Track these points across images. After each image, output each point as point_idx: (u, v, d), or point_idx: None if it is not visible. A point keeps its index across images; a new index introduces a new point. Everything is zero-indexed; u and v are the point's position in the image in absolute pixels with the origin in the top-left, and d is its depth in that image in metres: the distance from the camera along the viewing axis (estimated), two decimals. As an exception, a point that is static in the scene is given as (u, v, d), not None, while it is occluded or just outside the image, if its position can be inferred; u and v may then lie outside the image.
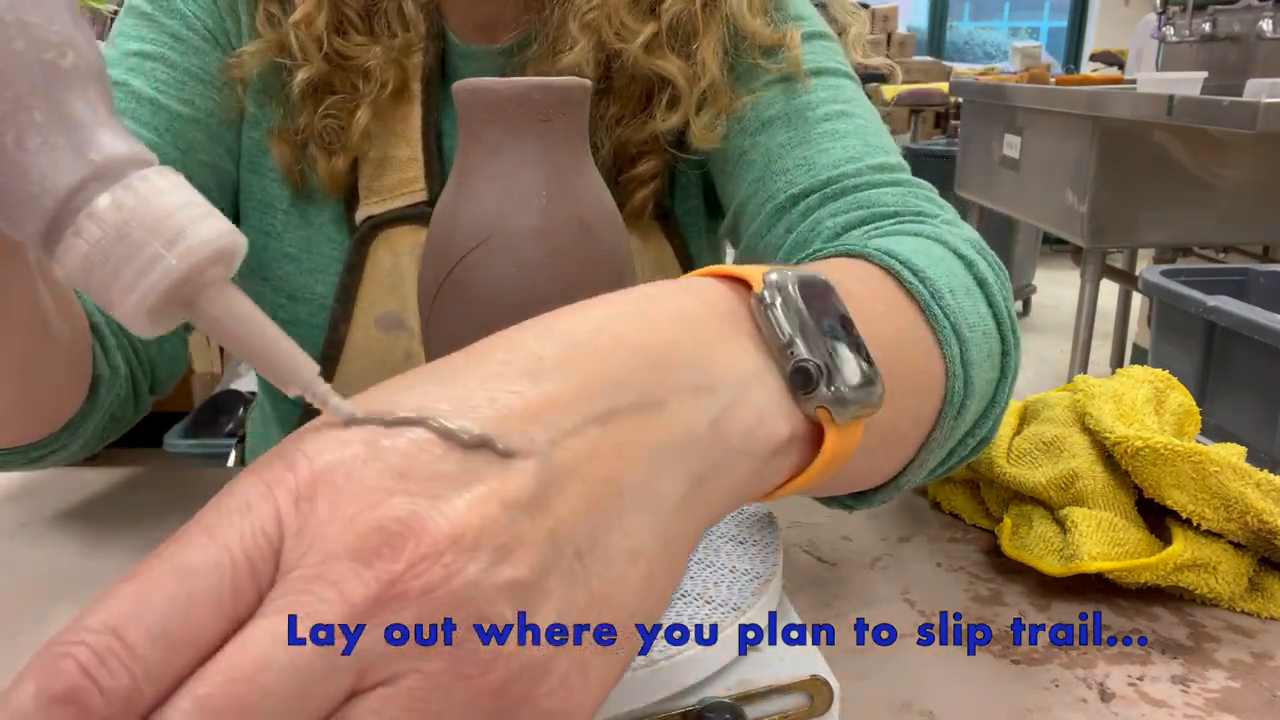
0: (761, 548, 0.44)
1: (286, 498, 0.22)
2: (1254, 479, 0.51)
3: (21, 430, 0.50)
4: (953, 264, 0.45)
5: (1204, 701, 0.45)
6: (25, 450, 0.52)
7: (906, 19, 7.52)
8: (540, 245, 0.40)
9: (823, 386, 0.30)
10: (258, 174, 0.67)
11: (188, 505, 0.69)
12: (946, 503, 0.63)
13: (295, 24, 0.62)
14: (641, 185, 0.66)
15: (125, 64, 0.62)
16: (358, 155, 0.65)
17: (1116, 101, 2.18)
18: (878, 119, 0.66)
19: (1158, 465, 0.52)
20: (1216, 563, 0.51)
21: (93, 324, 0.53)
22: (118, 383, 0.55)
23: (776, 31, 0.64)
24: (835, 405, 0.30)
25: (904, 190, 0.58)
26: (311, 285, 0.67)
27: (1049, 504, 0.56)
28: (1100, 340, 2.88)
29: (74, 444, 0.54)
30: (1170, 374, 0.63)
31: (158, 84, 0.61)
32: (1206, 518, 0.51)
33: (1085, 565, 0.50)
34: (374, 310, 0.67)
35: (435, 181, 0.66)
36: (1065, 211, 2.37)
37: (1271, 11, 2.51)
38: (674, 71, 0.62)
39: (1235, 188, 2.25)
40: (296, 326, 0.68)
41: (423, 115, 0.66)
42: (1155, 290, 1.77)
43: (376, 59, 0.63)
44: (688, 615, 0.39)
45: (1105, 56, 5.93)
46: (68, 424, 0.52)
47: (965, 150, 3.08)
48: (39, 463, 0.53)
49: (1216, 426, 1.60)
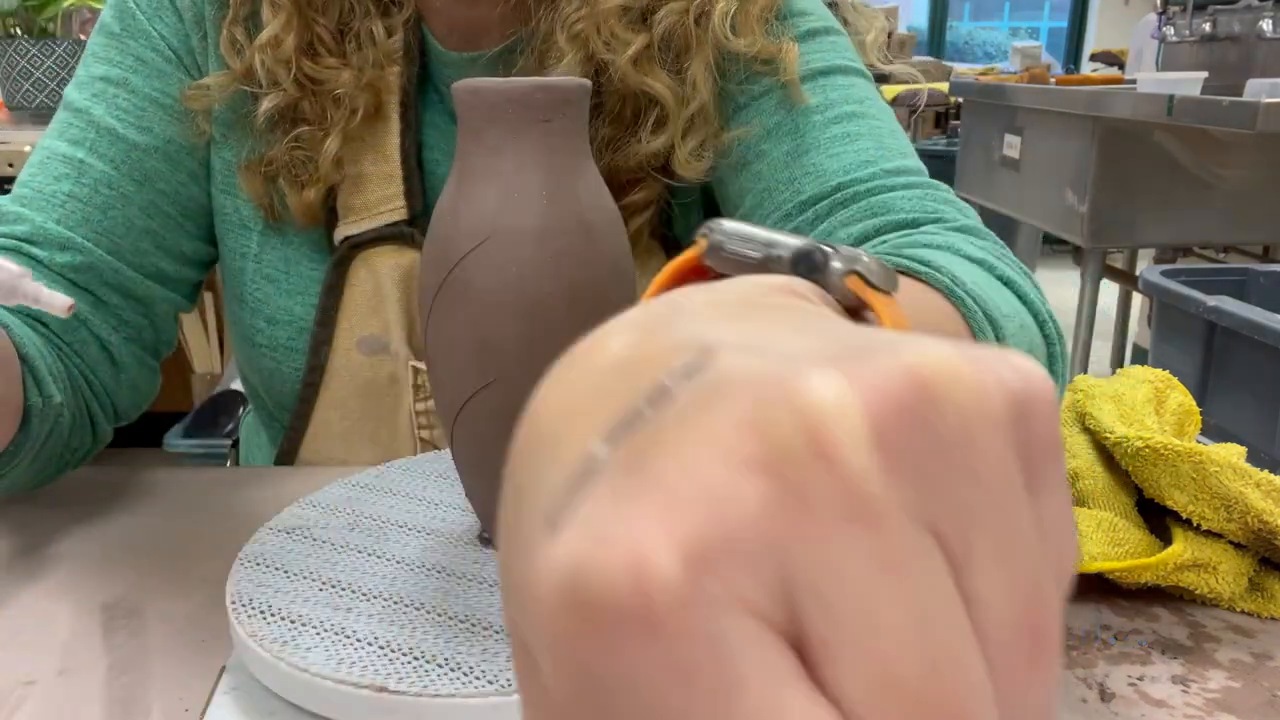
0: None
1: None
2: (1254, 479, 0.51)
3: None
4: (974, 270, 0.45)
5: (1204, 701, 0.45)
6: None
7: (906, 19, 7.52)
8: (540, 245, 0.40)
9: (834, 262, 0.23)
10: (230, 195, 0.65)
11: (188, 505, 0.70)
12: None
13: (261, 46, 0.59)
14: (636, 213, 0.64)
15: (91, 89, 0.61)
16: (330, 185, 0.63)
17: (1116, 101, 2.18)
18: (892, 117, 0.63)
19: (1158, 465, 0.52)
20: (1217, 563, 0.51)
21: (23, 355, 0.53)
22: (51, 412, 0.54)
23: (775, 43, 0.61)
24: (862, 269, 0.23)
25: (921, 194, 0.56)
26: (291, 307, 0.65)
27: None
28: (1100, 340, 2.88)
29: (11, 474, 0.54)
30: (1170, 374, 0.63)
31: (119, 112, 0.61)
32: (1206, 518, 0.51)
33: (1085, 565, 0.50)
34: (355, 333, 0.65)
35: (416, 199, 0.64)
36: (1065, 211, 2.37)
37: (1271, 11, 2.50)
38: (663, 90, 0.60)
39: (1235, 188, 2.25)
40: (276, 351, 0.66)
41: (401, 130, 0.64)
42: (1155, 290, 1.77)
43: (346, 86, 0.61)
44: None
45: (1105, 56, 5.93)
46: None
47: (965, 150, 3.08)
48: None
49: (1216, 426, 1.60)
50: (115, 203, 0.60)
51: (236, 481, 0.70)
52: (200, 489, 0.67)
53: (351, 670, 0.36)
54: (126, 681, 0.46)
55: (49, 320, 0.57)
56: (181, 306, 0.66)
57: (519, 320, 0.40)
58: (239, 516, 0.62)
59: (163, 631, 0.50)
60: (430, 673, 0.36)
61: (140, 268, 0.62)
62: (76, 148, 0.60)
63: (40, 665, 0.47)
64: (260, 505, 0.61)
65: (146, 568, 0.56)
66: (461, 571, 0.44)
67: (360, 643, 0.38)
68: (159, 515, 0.63)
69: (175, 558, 0.58)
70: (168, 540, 0.60)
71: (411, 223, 0.64)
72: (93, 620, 0.51)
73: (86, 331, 0.59)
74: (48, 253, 0.58)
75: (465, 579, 0.43)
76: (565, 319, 0.40)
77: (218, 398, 2.36)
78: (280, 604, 0.41)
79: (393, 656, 0.37)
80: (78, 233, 0.59)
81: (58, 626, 0.50)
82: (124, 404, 0.62)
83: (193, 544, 0.59)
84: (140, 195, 0.61)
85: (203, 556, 0.57)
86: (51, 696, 0.45)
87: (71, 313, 0.39)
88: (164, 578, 0.55)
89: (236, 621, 0.40)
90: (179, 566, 0.56)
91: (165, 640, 0.49)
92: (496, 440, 0.42)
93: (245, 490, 0.67)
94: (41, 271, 0.58)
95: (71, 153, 0.60)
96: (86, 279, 0.59)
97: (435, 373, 0.44)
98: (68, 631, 0.50)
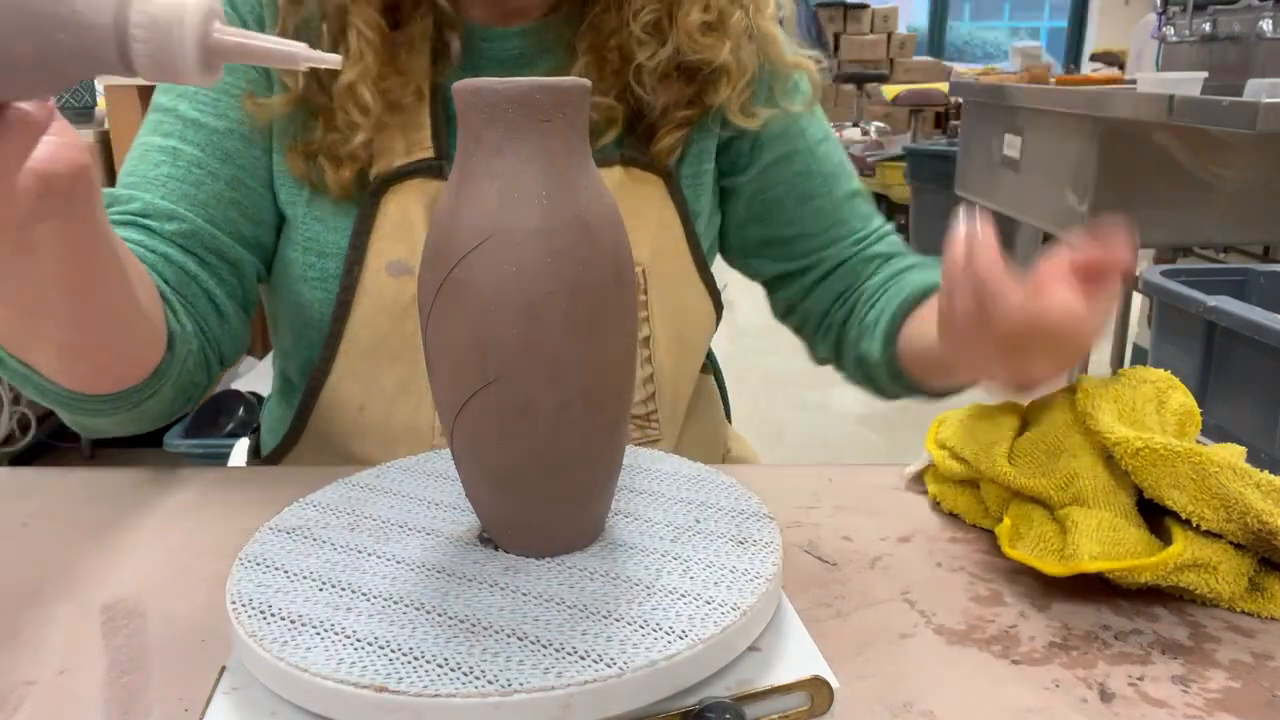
0: (761, 548, 0.44)
1: None
2: (1254, 479, 0.51)
3: (121, 374, 0.59)
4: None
5: (1204, 701, 0.45)
6: (127, 394, 0.59)
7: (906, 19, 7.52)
8: (540, 245, 0.40)
9: None
10: (284, 155, 0.74)
11: (188, 505, 0.70)
12: (947, 503, 0.63)
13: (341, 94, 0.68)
14: (675, 129, 0.74)
15: (174, 90, 0.72)
16: (362, 165, 0.71)
17: (1116, 102, 2.18)
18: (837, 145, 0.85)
19: (1158, 466, 0.52)
20: (1217, 563, 0.51)
21: (162, 294, 0.63)
22: (189, 339, 0.64)
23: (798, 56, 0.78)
24: None
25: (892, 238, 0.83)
26: (338, 241, 0.73)
27: (1049, 504, 0.56)
28: (1100, 340, 2.88)
29: (163, 390, 0.62)
30: (1171, 374, 0.63)
31: (199, 105, 0.71)
32: (1206, 518, 0.51)
33: (1085, 565, 0.50)
34: (384, 256, 0.71)
35: (442, 141, 0.71)
36: (1065, 211, 2.37)
37: (1271, 11, 2.50)
38: (731, 63, 0.73)
39: (1235, 188, 2.25)
40: (326, 281, 0.73)
41: (431, 79, 0.71)
42: (1155, 290, 1.77)
43: (399, 89, 0.70)
44: (688, 615, 0.39)
45: (1105, 56, 5.93)
46: (155, 371, 0.60)
47: (965, 150, 3.07)
48: (138, 408, 0.61)
49: (1216, 426, 1.60)
50: (206, 179, 0.70)
51: (236, 481, 0.70)
52: (200, 489, 0.67)
53: (351, 670, 0.36)
54: (126, 681, 0.46)
55: (168, 278, 0.66)
56: (259, 271, 0.75)
57: (519, 320, 0.40)
58: (239, 516, 0.62)
59: (163, 631, 0.50)
60: (430, 673, 0.36)
61: (231, 234, 0.71)
62: (169, 139, 0.70)
63: (40, 665, 0.47)
64: (260, 505, 0.61)
65: (146, 568, 0.57)
66: (461, 571, 0.44)
67: (360, 643, 0.38)
68: (159, 515, 0.63)
69: (175, 558, 0.58)
70: (168, 540, 0.60)
71: (438, 159, 0.72)
72: (93, 620, 0.51)
73: (197, 287, 0.68)
74: (159, 223, 0.68)
75: (465, 579, 0.43)
76: (565, 319, 0.40)
77: (218, 398, 2.37)
78: (280, 604, 0.41)
79: (393, 656, 0.37)
80: (180, 206, 0.69)
81: (58, 626, 0.51)
82: (227, 350, 0.71)
83: (193, 544, 0.59)
84: (225, 171, 0.71)
85: (203, 556, 0.58)
86: (51, 696, 0.45)
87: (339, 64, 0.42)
88: (164, 578, 0.55)
89: (236, 621, 0.40)
90: (179, 566, 0.57)
91: (165, 640, 0.49)
92: (497, 440, 0.42)
93: (245, 490, 0.67)
94: (154, 239, 0.67)
95: (165, 143, 0.70)
96: (191, 244, 0.69)
97: (435, 372, 0.44)
98: (68, 631, 0.50)
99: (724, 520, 0.47)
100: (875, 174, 5.06)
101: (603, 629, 0.38)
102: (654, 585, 0.41)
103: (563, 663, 0.36)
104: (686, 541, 0.45)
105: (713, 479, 0.52)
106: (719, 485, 0.51)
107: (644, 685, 0.35)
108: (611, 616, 0.39)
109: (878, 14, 6.80)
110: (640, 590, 0.41)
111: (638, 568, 0.43)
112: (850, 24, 7.19)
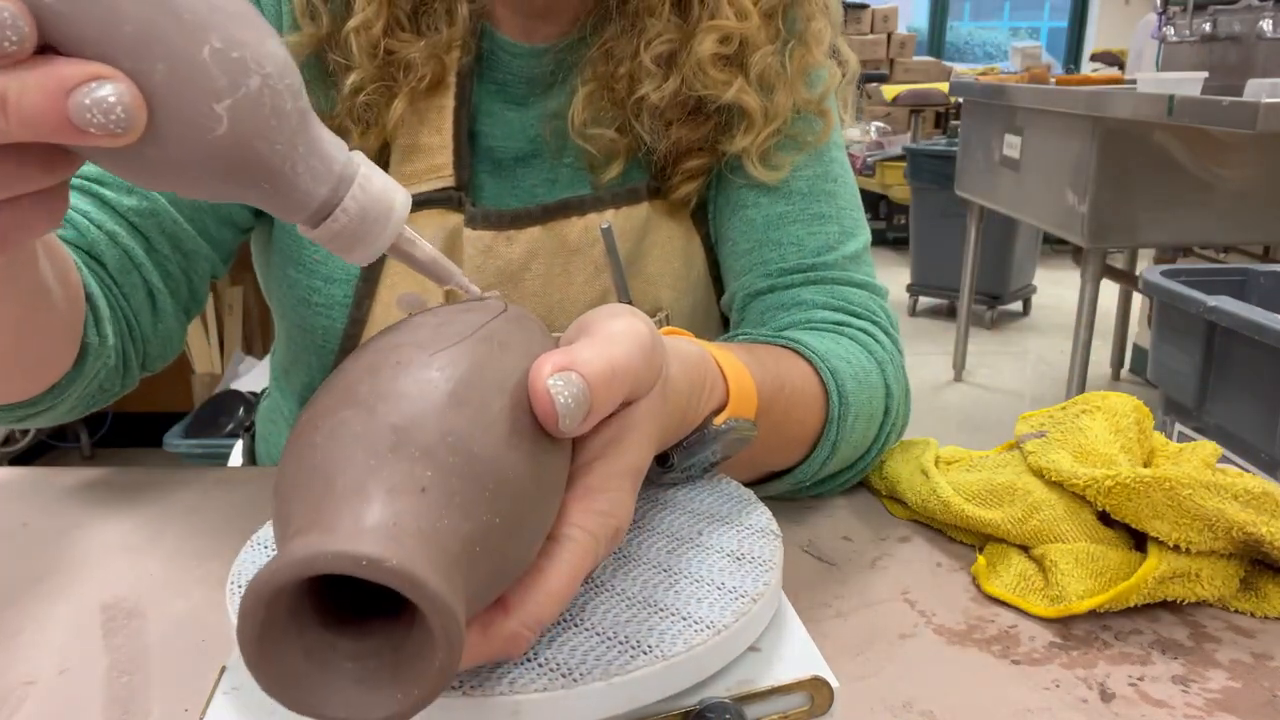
0: (762, 548, 0.44)
1: None
2: (1231, 491, 0.51)
3: (12, 388, 0.53)
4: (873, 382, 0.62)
5: (1204, 701, 0.45)
6: (13, 409, 0.55)
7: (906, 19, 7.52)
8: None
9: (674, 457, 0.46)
10: None
11: (188, 505, 0.70)
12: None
13: (354, 30, 0.65)
14: (689, 180, 0.71)
15: None
16: (389, 140, 0.68)
17: (1116, 102, 2.18)
18: (855, 187, 0.74)
19: (1133, 500, 0.52)
20: (1197, 570, 0.51)
21: (88, 294, 0.56)
22: (105, 352, 0.58)
23: (814, 94, 0.70)
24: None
25: (867, 296, 0.69)
26: (348, 266, 0.69)
27: (1015, 540, 0.56)
28: (1100, 340, 2.88)
29: (60, 406, 0.57)
30: (1132, 397, 0.62)
31: None
32: (1193, 540, 0.51)
33: (1075, 606, 0.50)
34: (396, 289, 0.69)
35: (464, 169, 0.69)
36: (1065, 211, 2.38)
37: (1271, 11, 2.50)
38: (752, 105, 0.67)
39: (1235, 188, 2.25)
40: (332, 309, 0.70)
41: (455, 106, 0.68)
42: (1155, 290, 1.77)
43: (419, 53, 0.66)
44: (687, 615, 0.39)
45: (1105, 56, 5.93)
46: (54, 386, 0.55)
47: (965, 150, 3.08)
48: (25, 421, 0.57)
49: (1216, 426, 1.60)
50: None
51: (236, 481, 0.70)
52: (200, 489, 0.67)
53: (351, 670, 0.36)
54: (126, 681, 0.46)
55: (107, 261, 0.60)
56: (216, 270, 0.70)
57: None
58: (239, 516, 0.62)
59: (163, 631, 0.50)
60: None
61: (191, 221, 0.66)
62: None
63: (40, 665, 0.47)
64: (260, 505, 0.61)
65: (146, 568, 0.56)
66: (461, 571, 0.44)
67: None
68: (159, 515, 0.63)
69: (175, 558, 0.58)
70: (168, 540, 0.60)
71: (458, 189, 0.69)
72: (93, 620, 0.51)
73: (138, 276, 0.62)
74: (115, 194, 0.62)
75: (465, 579, 0.43)
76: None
77: (218, 398, 2.37)
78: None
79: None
80: None
81: (58, 626, 0.51)
82: (154, 354, 0.65)
83: (193, 544, 0.59)
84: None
85: (203, 556, 0.58)
86: (51, 696, 0.45)
87: (485, 296, 0.41)
88: (164, 578, 0.55)
89: (234, 610, 0.40)
90: (179, 566, 0.57)
91: (165, 640, 0.49)
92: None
93: (245, 490, 0.67)
94: (105, 212, 0.61)
95: None
96: (147, 224, 0.63)
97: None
98: (68, 631, 0.50)
99: (724, 520, 0.47)
100: (875, 174, 5.07)
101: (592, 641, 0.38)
102: (649, 600, 0.41)
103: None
104: (684, 555, 0.45)
105: (724, 489, 0.51)
106: (728, 496, 0.51)
107: (644, 685, 0.35)
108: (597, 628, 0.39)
109: (878, 14, 6.80)
110: (637, 605, 0.41)
111: (633, 583, 0.43)
112: (850, 24, 7.20)
